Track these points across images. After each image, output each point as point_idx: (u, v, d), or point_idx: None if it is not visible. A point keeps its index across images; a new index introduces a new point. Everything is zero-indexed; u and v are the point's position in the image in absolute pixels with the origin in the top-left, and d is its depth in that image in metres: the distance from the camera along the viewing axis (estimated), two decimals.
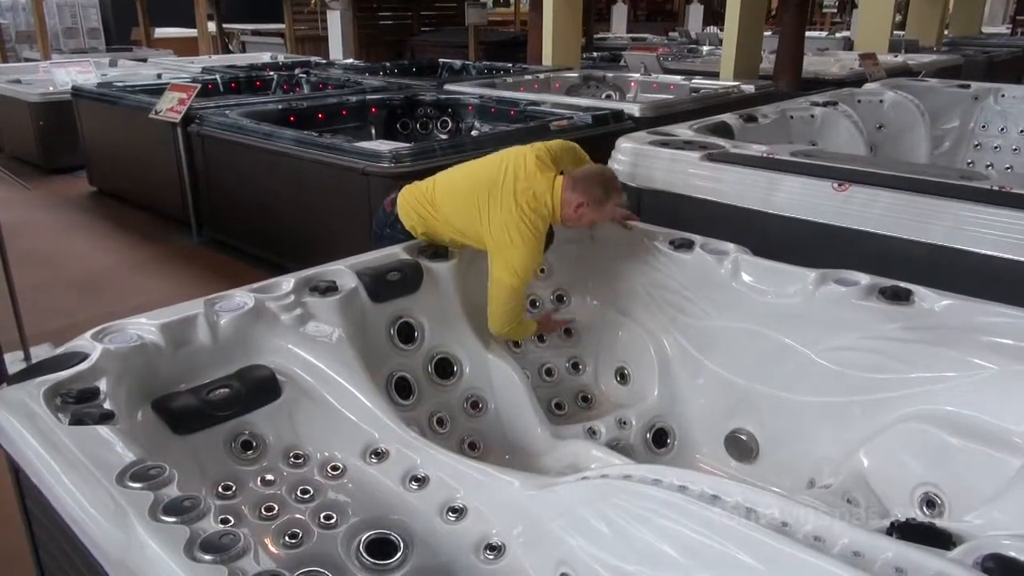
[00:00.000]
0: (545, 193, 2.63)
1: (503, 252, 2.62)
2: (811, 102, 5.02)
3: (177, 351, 2.12)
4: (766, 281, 2.71)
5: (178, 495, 1.50)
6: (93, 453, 1.60)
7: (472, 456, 2.53)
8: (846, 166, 3.32)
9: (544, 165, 2.70)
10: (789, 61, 7.03)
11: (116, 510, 1.45)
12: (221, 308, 2.24)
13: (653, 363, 2.95)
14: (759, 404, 2.70)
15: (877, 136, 5.32)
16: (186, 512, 1.44)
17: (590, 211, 2.67)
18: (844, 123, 4.90)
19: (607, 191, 2.70)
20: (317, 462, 2.14)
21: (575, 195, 2.64)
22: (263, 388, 2.17)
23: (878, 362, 2.43)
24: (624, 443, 2.76)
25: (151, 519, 1.42)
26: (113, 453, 1.61)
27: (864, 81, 6.23)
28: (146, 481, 1.53)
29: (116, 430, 1.70)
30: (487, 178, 2.70)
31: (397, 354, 2.62)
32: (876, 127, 5.34)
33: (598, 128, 5.13)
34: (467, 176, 2.79)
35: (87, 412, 1.75)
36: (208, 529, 1.41)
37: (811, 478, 2.47)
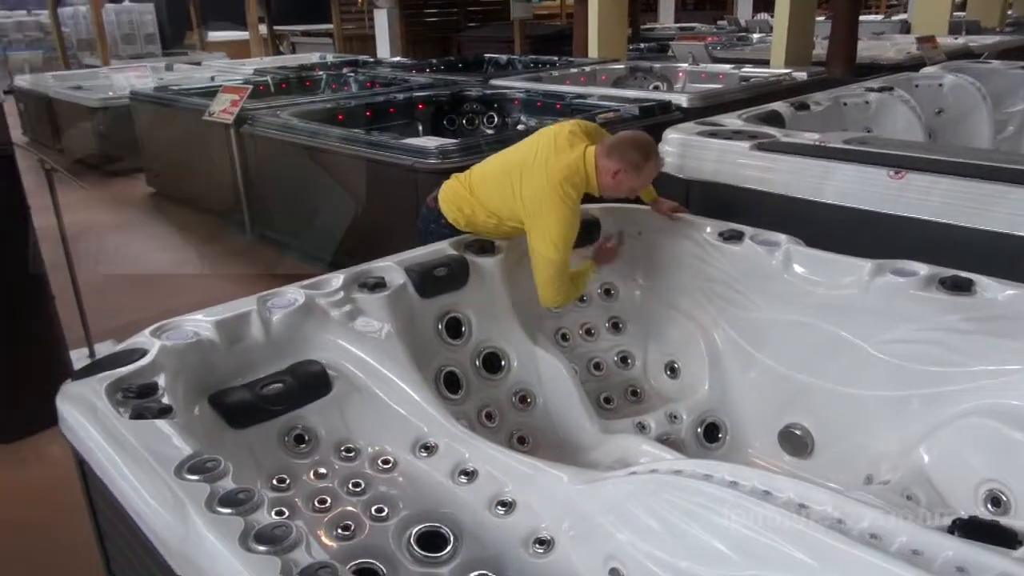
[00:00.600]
0: (578, 162, 2.60)
1: (537, 223, 2.59)
2: (866, 88, 4.88)
3: (232, 347, 2.17)
4: (820, 272, 2.65)
5: (233, 487, 1.53)
6: (153, 446, 1.65)
7: (521, 450, 2.54)
8: (903, 153, 3.23)
9: (576, 138, 2.68)
10: (842, 46, 6.84)
11: (175, 501, 1.49)
12: (273, 305, 2.28)
13: (703, 356, 2.91)
14: (813, 398, 2.65)
15: (936, 122, 5.15)
16: (241, 504, 1.48)
17: (628, 177, 2.61)
18: (901, 109, 4.75)
19: (645, 154, 2.63)
20: (368, 456, 2.16)
21: (611, 161, 2.59)
22: (315, 383, 2.20)
23: (938, 354, 2.36)
24: (674, 438, 2.73)
25: (208, 510, 1.46)
26: (171, 446, 1.66)
27: (922, 65, 6.03)
28: (203, 473, 1.56)
29: (174, 424, 1.75)
30: (520, 158, 2.71)
31: (445, 349, 2.63)
32: (935, 112, 5.17)
33: (645, 120, 5.07)
34: (503, 161, 2.80)
35: (147, 406, 1.80)
36: (262, 521, 1.44)
37: (868, 474, 2.41)
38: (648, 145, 2.68)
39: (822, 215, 3.16)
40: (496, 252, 2.80)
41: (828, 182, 3.17)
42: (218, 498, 1.49)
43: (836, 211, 3.13)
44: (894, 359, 2.45)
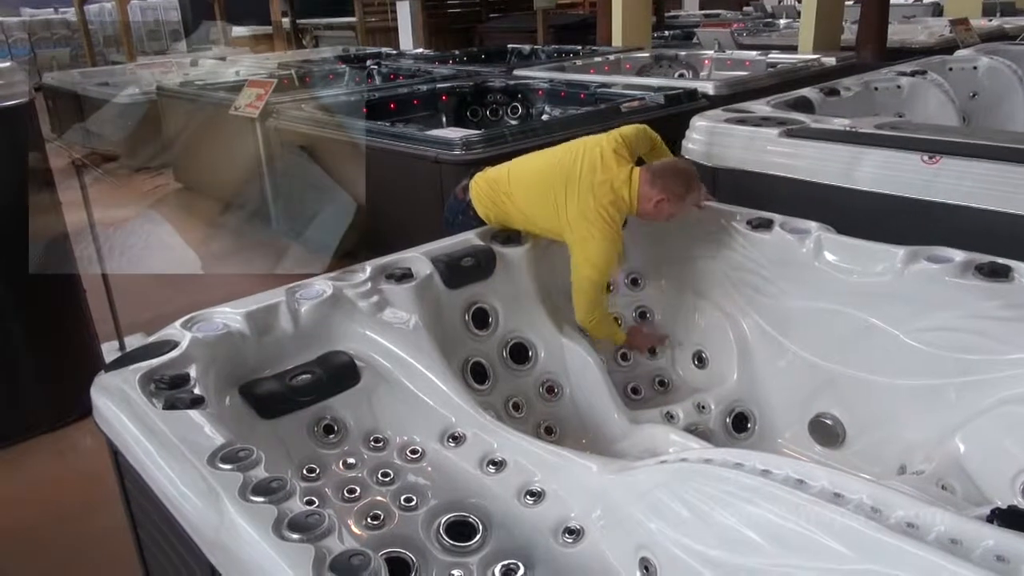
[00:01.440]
0: (623, 187, 2.61)
1: (582, 245, 2.62)
2: (897, 72, 4.80)
3: (261, 338, 2.19)
4: (851, 260, 2.61)
5: (265, 476, 1.55)
6: (185, 436, 1.68)
7: (549, 440, 2.54)
8: (936, 137, 3.17)
9: (620, 157, 2.68)
10: (872, 30, 6.71)
11: (208, 491, 1.52)
12: (301, 296, 2.30)
13: (732, 346, 2.89)
14: (845, 387, 2.62)
15: (970, 106, 5.05)
16: (274, 493, 1.49)
17: (669, 206, 2.64)
18: (934, 93, 4.66)
19: (688, 187, 2.66)
20: (396, 446, 2.18)
21: (654, 191, 2.61)
22: (343, 374, 2.22)
23: (974, 342, 2.32)
24: (703, 428, 2.72)
25: (241, 499, 1.48)
26: (204, 436, 1.68)
27: (955, 48, 5.91)
28: (235, 463, 1.59)
29: (206, 414, 1.77)
30: (563, 170, 2.69)
31: (472, 340, 2.64)
32: (969, 96, 5.06)
33: (671, 108, 5.03)
34: (543, 167, 2.78)
35: (179, 397, 1.83)
36: (295, 509, 1.46)
37: (902, 464, 2.38)
38: (691, 176, 2.71)
39: (853, 202, 3.11)
40: (522, 242, 2.80)
41: (859, 168, 3.12)
42: (251, 487, 1.51)
43: (868, 198, 3.08)
44: (928, 347, 2.42)
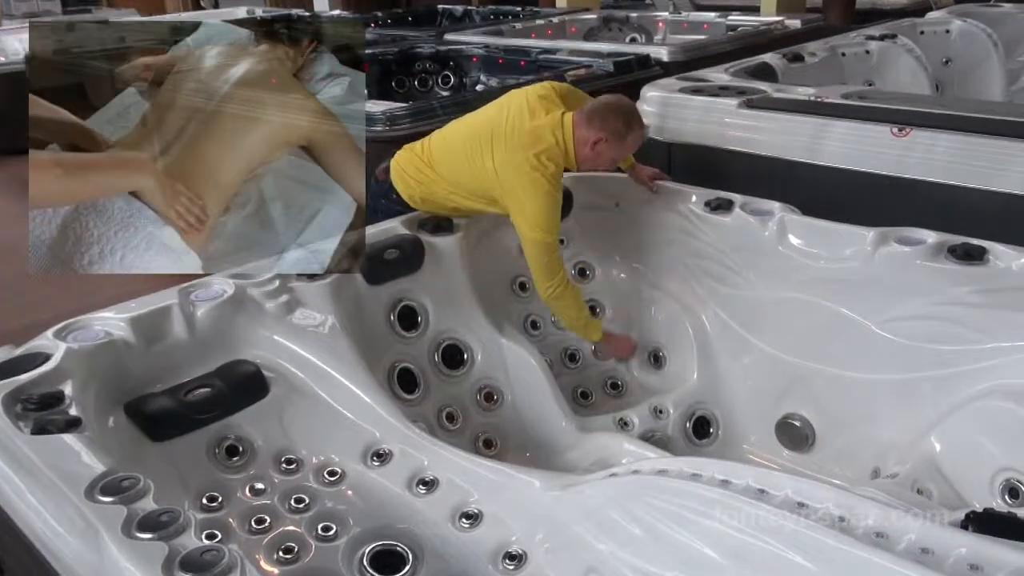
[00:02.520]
0: (554, 131, 2.61)
1: (519, 206, 2.62)
2: (866, 36, 4.93)
3: (150, 348, 2.14)
4: (818, 243, 2.67)
5: (155, 508, 1.51)
6: (59, 465, 1.62)
7: (487, 455, 2.55)
8: (907, 107, 3.27)
9: (550, 102, 2.69)
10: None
11: (86, 528, 1.47)
12: (197, 297, 2.25)
13: (691, 342, 2.93)
14: (814, 385, 2.68)
15: (943, 72, 5.22)
16: (164, 527, 1.46)
17: (609, 147, 2.64)
18: (905, 59, 4.81)
19: (628, 122, 2.67)
20: (312, 467, 2.15)
21: (591, 131, 2.61)
22: (248, 386, 2.18)
23: (949, 331, 2.40)
24: (660, 435, 2.76)
25: (125, 536, 1.44)
26: (81, 464, 1.63)
27: (928, 9, 6.10)
28: (119, 494, 1.54)
29: (84, 438, 1.72)
30: (487, 125, 2.69)
31: (398, 342, 2.62)
32: (942, 62, 5.24)
33: (622, 76, 5.07)
34: (466, 129, 2.78)
35: (51, 419, 1.76)
36: (189, 545, 1.43)
37: (875, 467, 2.46)
38: (631, 112, 2.71)
39: (819, 179, 3.19)
40: (454, 231, 2.79)
41: (825, 142, 3.19)
42: (137, 521, 1.47)
43: (834, 174, 3.16)
44: (901, 338, 2.49)
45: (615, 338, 2.99)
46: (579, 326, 2.84)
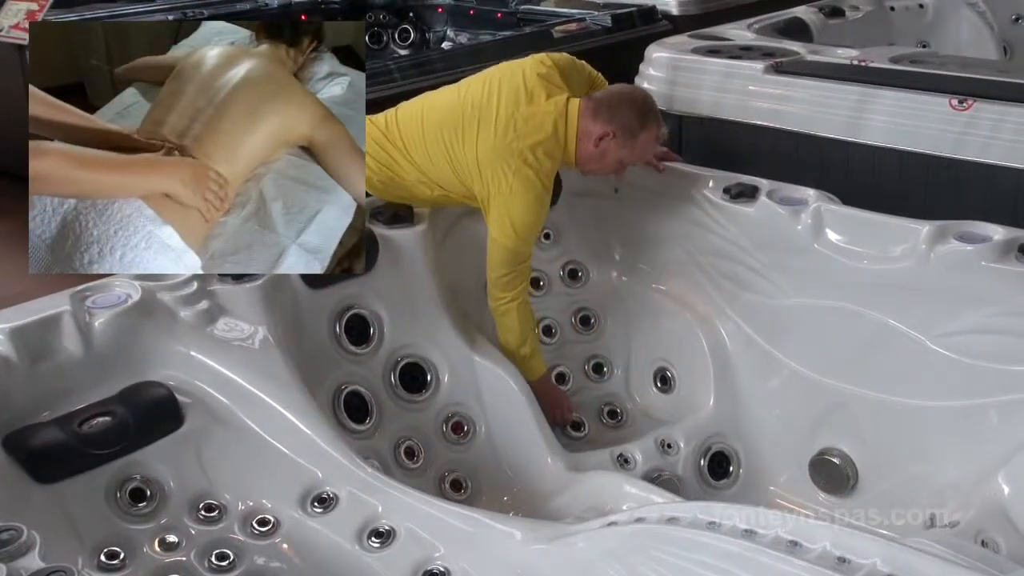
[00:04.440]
0: (556, 121, 2.64)
1: (499, 202, 2.64)
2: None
3: (35, 367, 2.12)
4: (861, 240, 2.70)
5: (42, 567, 1.52)
6: None
7: (456, 498, 2.55)
8: (969, 75, 3.30)
9: (551, 83, 2.70)
10: None
11: None
12: (95, 303, 2.24)
13: (707, 360, 2.95)
14: (856, 413, 2.70)
15: (1013, 32, 5.28)
16: None
17: (617, 145, 2.68)
18: (966, 15, 4.87)
19: (643, 118, 2.71)
20: (238, 515, 2.14)
21: (597, 124, 2.65)
22: (158, 414, 2.17)
23: (1020, 348, 2.42)
24: (669, 474, 2.77)
25: None
26: None
27: None
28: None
29: None
30: (473, 106, 2.70)
31: (347, 360, 2.62)
32: (1012, 20, 5.30)
33: (620, 34, 5.10)
34: (444, 106, 2.77)
35: None
36: None
37: (931, 514, 2.47)
38: (648, 107, 2.76)
39: (863, 161, 3.21)
40: (415, 222, 2.79)
41: (870, 116, 3.22)
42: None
43: (881, 155, 3.19)
44: (962, 356, 2.52)
45: (551, 390, 2.93)
46: (519, 356, 2.82)
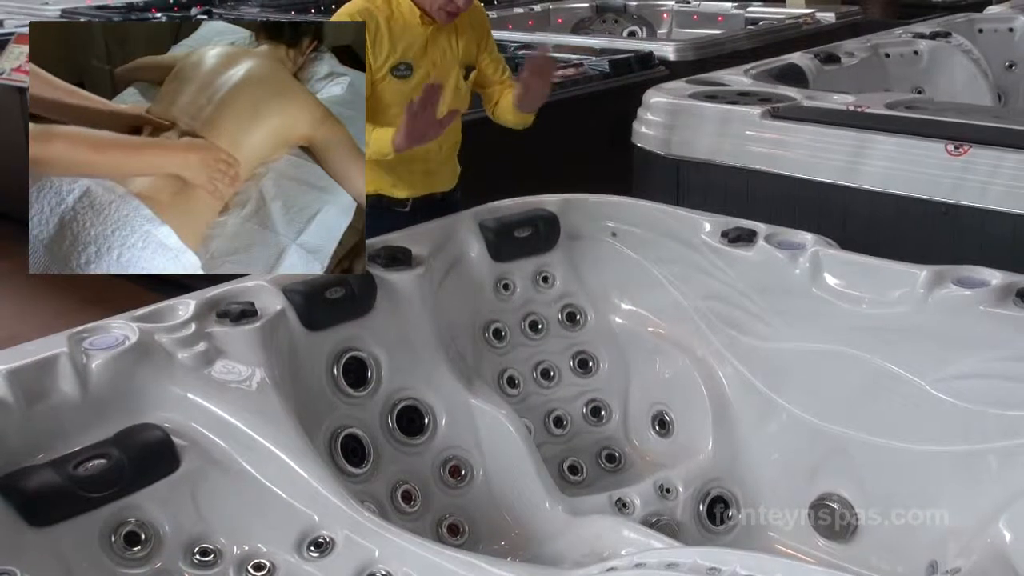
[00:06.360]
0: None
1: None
2: (914, 34, 5.05)
3: (31, 408, 2.11)
4: (859, 284, 2.71)
5: None
6: None
7: (454, 543, 2.53)
8: (964, 120, 3.33)
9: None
10: None
11: None
12: (92, 345, 2.24)
13: (705, 404, 2.94)
14: (855, 458, 2.69)
15: (1007, 78, 5.35)
16: None
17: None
18: (960, 61, 4.93)
19: None
20: (233, 560, 2.13)
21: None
22: (154, 457, 2.16)
23: (1020, 393, 2.42)
24: (668, 519, 2.75)
25: None
26: None
27: (987, 3, 6.26)
28: None
29: None
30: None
31: (344, 403, 2.62)
32: (1005, 66, 5.36)
33: (619, 78, 5.14)
34: None
35: None
36: None
37: (932, 560, 2.46)
38: None
39: (860, 205, 3.24)
40: (413, 264, 2.79)
41: (866, 161, 3.25)
42: None
43: (878, 200, 3.21)
44: (962, 401, 2.51)
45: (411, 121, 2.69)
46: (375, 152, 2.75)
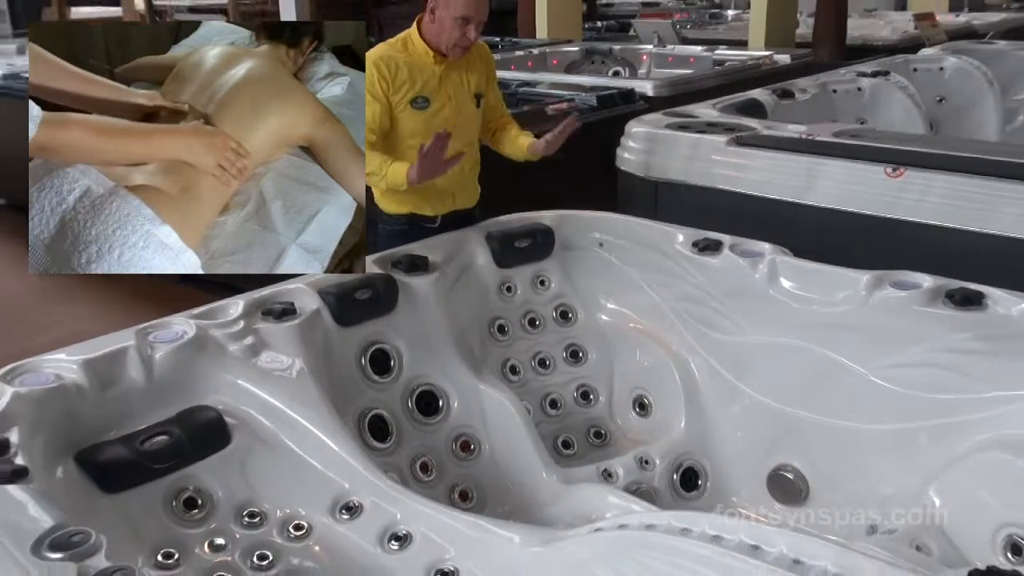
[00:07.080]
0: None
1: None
2: (858, 73, 5.06)
3: (104, 392, 2.12)
4: (810, 287, 2.72)
5: (107, 566, 1.50)
6: (3, 518, 1.61)
7: (464, 508, 2.54)
8: (901, 147, 3.34)
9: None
10: (830, 24, 7.07)
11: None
12: (156, 339, 2.24)
13: (678, 389, 2.95)
14: (807, 435, 2.70)
15: (937, 111, 5.35)
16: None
17: (442, 6, 2.74)
18: (898, 96, 4.93)
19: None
20: (276, 521, 2.14)
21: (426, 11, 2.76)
22: (209, 434, 2.17)
23: (947, 380, 2.43)
24: (646, 487, 2.75)
25: None
26: (27, 518, 1.62)
27: (921, 46, 6.28)
28: (69, 550, 1.53)
29: (31, 490, 1.70)
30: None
31: (370, 388, 2.62)
32: (936, 100, 5.37)
33: (604, 111, 5.14)
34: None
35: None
36: None
37: (872, 522, 2.46)
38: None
39: (811, 220, 3.24)
40: (430, 270, 2.80)
41: (817, 182, 3.26)
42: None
43: (826, 215, 3.22)
44: (897, 386, 2.52)
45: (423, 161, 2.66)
46: (388, 179, 2.74)
